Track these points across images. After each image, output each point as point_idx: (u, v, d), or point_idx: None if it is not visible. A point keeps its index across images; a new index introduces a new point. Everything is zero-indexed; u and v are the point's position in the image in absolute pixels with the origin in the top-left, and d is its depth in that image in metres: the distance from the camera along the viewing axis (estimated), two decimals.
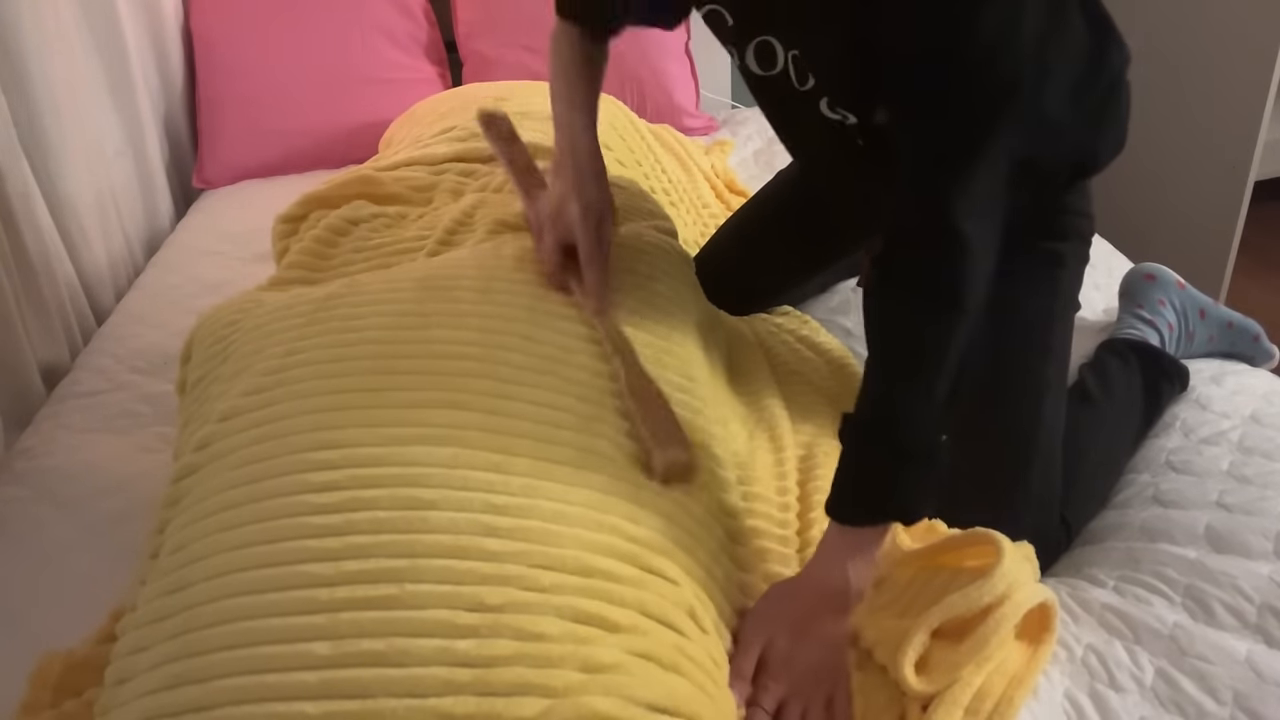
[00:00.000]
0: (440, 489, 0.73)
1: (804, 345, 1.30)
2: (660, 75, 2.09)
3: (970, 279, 0.81)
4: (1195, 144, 2.14)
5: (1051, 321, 1.06)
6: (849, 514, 0.83)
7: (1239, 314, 1.32)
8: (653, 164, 1.54)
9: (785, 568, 0.88)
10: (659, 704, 0.65)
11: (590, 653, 0.66)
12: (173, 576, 0.73)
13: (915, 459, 0.82)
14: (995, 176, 0.80)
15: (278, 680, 0.63)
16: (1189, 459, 1.09)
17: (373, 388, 0.83)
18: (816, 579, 0.83)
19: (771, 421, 1.08)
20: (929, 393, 0.81)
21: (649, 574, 0.74)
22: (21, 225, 1.35)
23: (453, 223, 1.17)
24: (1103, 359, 1.22)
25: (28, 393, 1.33)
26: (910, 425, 0.82)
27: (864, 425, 0.84)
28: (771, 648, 0.80)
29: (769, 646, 0.80)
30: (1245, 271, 2.25)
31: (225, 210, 1.87)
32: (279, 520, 0.72)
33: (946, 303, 0.81)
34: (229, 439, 0.82)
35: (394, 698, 0.62)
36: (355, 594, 0.67)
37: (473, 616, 0.66)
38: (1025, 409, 1.02)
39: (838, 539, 0.83)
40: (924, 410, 0.82)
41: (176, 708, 0.65)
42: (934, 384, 0.81)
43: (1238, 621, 0.86)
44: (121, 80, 1.75)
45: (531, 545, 0.71)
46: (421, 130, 1.56)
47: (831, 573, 0.82)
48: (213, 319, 1.03)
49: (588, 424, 0.83)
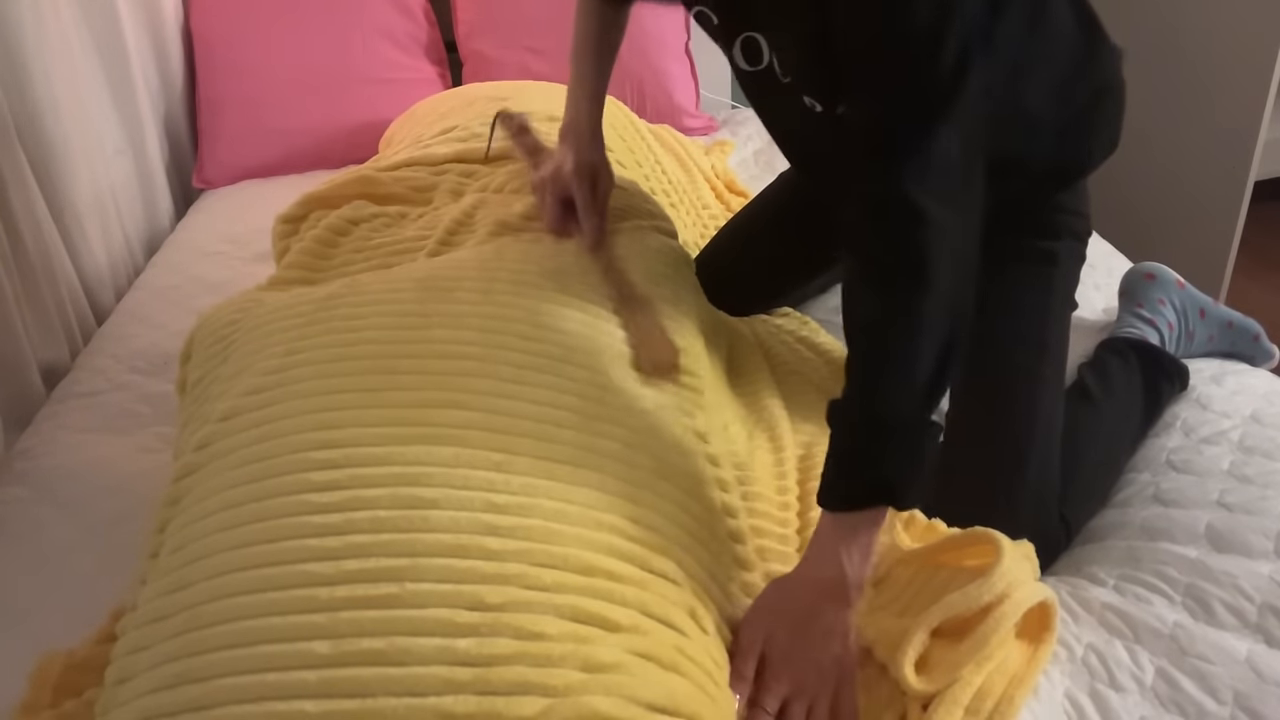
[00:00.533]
0: (441, 488, 0.73)
1: (804, 346, 1.30)
2: (660, 75, 2.09)
3: (929, 252, 0.79)
4: (1195, 144, 2.14)
5: (1046, 318, 1.06)
6: (834, 499, 0.82)
7: (1239, 314, 1.32)
8: (653, 165, 1.54)
9: (785, 567, 0.88)
10: (659, 704, 0.65)
11: (591, 652, 0.66)
12: (173, 576, 0.73)
13: (892, 434, 0.80)
14: (950, 159, 0.80)
15: (278, 679, 0.63)
16: (1189, 458, 1.09)
17: (373, 388, 0.83)
18: (811, 572, 0.82)
19: (771, 421, 1.08)
20: (905, 369, 0.80)
21: (650, 574, 0.75)
22: (21, 225, 1.35)
23: (453, 223, 1.17)
24: (1102, 358, 1.22)
25: (28, 393, 1.33)
26: (884, 402, 0.80)
27: (839, 405, 0.83)
28: (771, 645, 0.79)
29: (769, 644, 0.79)
30: (1245, 271, 2.25)
31: (225, 210, 1.87)
32: (279, 519, 0.72)
33: (906, 277, 0.80)
34: (229, 439, 0.82)
35: (394, 696, 0.62)
36: (355, 593, 0.67)
37: (473, 615, 0.66)
38: (1021, 405, 1.03)
39: (829, 529, 0.82)
40: (900, 387, 0.80)
41: (177, 707, 0.65)
42: (910, 361, 0.80)
43: (1238, 621, 0.86)
44: (121, 80, 1.75)
45: (532, 544, 0.71)
46: (421, 130, 1.55)
47: (826, 564, 0.81)
48: (213, 319, 1.03)
49: (588, 423, 0.83)
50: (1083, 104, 1.04)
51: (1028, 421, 1.02)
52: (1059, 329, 1.08)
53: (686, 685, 0.69)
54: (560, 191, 1.11)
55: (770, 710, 0.77)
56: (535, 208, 1.15)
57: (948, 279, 0.80)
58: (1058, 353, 1.07)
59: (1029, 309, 1.06)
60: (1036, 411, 1.02)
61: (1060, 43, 1.01)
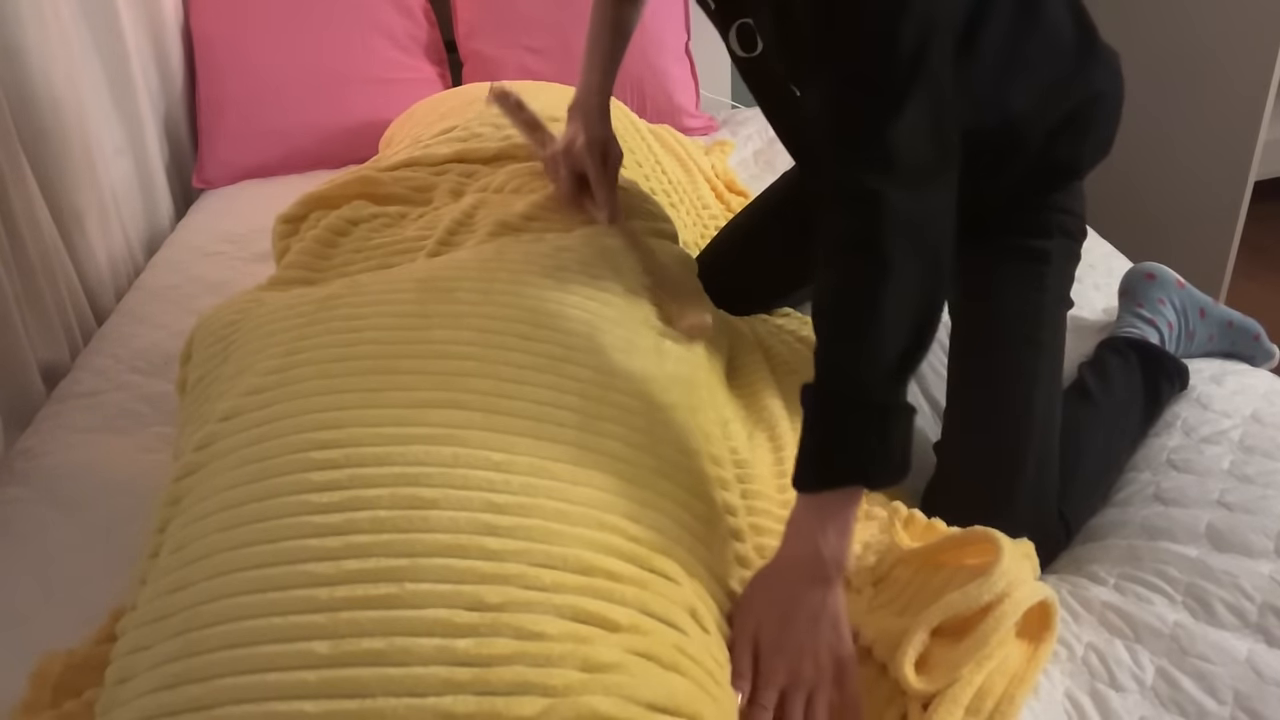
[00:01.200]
0: (441, 488, 0.73)
1: (804, 346, 1.30)
2: (660, 75, 2.09)
3: (886, 235, 0.79)
4: (1195, 144, 2.14)
5: (1039, 316, 1.07)
6: (806, 480, 0.82)
7: (1239, 313, 1.32)
8: (653, 165, 1.54)
9: None
10: (659, 703, 0.65)
11: (590, 652, 0.66)
12: (174, 576, 0.73)
13: (862, 415, 0.80)
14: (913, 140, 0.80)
15: (278, 679, 0.63)
16: (1190, 458, 1.09)
17: (374, 388, 0.83)
18: (789, 553, 0.82)
19: (771, 421, 1.08)
20: (872, 350, 0.80)
21: (650, 573, 0.74)
22: (21, 225, 1.35)
23: (453, 223, 1.17)
24: (1103, 357, 1.22)
25: (28, 393, 1.33)
26: (852, 383, 0.80)
27: (810, 387, 0.83)
28: (761, 636, 0.79)
29: (759, 636, 0.79)
30: (1245, 271, 2.25)
31: (225, 210, 1.87)
32: (280, 519, 0.72)
33: (868, 260, 0.80)
34: (230, 438, 0.82)
35: (394, 697, 0.62)
36: (355, 593, 0.67)
37: (472, 615, 0.66)
38: (1018, 404, 1.03)
39: (804, 510, 0.82)
40: (867, 368, 0.80)
41: (177, 706, 0.65)
42: (876, 342, 0.80)
43: (1239, 621, 0.86)
44: (121, 80, 1.75)
45: (532, 544, 0.71)
46: (421, 130, 1.55)
47: (802, 545, 0.81)
48: (213, 319, 1.03)
49: (589, 423, 0.83)
50: (1076, 106, 1.04)
51: (1025, 420, 1.02)
52: (1054, 327, 1.08)
53: (687, 684, 0.69)
54: (574, 165, 1.17)
55: (768, 705, 0.76)
56: (536, 207, 1.15)
57: (912, 261, 0.80)
58: (1053, 351, 1.07)
59: (1022, 307, 1.06)
60: (1033, 410, 1.02)
61: (1054, 46, 1.02)
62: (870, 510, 0.97)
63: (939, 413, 1.21)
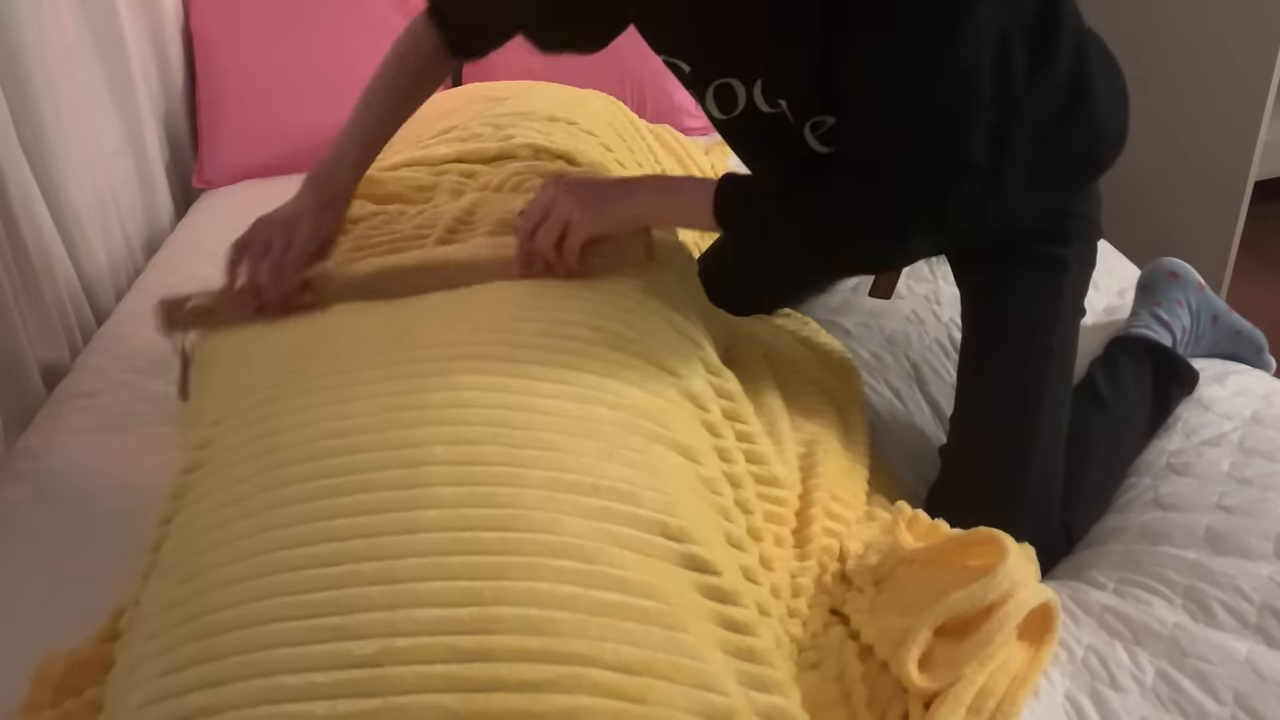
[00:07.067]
0: (442, 485, 0.73)
1: (804, 345, 1.30)
2: (660, 75, 2.08)
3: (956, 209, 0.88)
4: (1196, 143, 2.14)
5: (1054, 324, 1.06)
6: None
7: (1248, 324, 1.31)
8: (653, 164, 1.54)
9: (785, 565, 0.88)
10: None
11: (593, 647, 0.66)
12: (183, 565, 0.73)
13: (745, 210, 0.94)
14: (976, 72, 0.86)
15: (289, 654, 0.64)
16: (1189, 461, 1.09)
17: (378, 379, 0.83)
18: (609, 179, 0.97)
19: (771, 419, 1.08)
20: (801, 237, 0.95)
21: (650, 559, 0.74)
22: (21, 225, 1.35)
23: (453, 220, 1.17)
24: (1116, 357, 1.21)
25: (28, 393, 1.33)
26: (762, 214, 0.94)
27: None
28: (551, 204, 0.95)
29: (549, 205, 0.95)
30: (1246, 271, 2.25)
31: (225, 210, 1.86)
32: (291, 506, 0.72)
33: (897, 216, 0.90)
34: (236, 432, 0.82)
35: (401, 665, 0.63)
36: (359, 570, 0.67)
37: (472, 610, 0.66)
38: (1025, 411, 1.02)
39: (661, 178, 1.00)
40: (779, 232, 0.95)
41: (189, 685, 0.65)
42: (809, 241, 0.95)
43: (1238, 622, 0.86)
44: (121, 80, 1.75)
45: (535, 531, 0.71)
46: (421, 130, 1.55)
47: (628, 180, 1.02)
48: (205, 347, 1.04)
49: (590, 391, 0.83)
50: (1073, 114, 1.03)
51: (1031, 427, 1.01)
52: (1066, 335, 1.07)
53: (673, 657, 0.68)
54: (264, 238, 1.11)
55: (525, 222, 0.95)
56: None
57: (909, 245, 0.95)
58: (1064, 358, 1.06)
59: (1039, 315, 1.06)
60: (1041, 417, 1.02)
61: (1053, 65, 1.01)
62: (873, 511, 0.97)
63: (940, 414, 1.21)
